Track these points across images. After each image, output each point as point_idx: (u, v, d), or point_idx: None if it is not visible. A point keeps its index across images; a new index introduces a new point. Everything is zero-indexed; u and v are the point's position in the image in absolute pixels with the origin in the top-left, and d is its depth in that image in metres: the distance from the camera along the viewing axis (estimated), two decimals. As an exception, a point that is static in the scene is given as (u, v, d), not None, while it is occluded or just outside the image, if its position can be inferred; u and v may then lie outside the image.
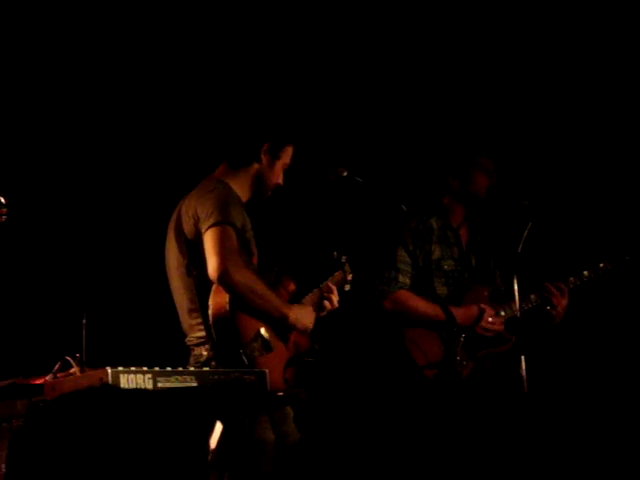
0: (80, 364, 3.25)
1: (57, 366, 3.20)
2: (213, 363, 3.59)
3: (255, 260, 3.87)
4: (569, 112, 5.52)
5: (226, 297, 3.60)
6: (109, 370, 3.00)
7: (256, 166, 3.92)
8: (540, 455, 4.20)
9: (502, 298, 4.59)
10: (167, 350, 3.99)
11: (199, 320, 3.74)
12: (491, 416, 4.44)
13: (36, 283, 4.71)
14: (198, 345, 3.74)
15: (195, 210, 3.73)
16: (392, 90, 5.51)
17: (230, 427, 3.37)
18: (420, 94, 5.51)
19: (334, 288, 3.99)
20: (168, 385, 3.10)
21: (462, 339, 4.45)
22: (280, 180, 3.98)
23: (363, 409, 4.98)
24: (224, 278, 3.57)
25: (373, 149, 5.41)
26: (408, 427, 4.45)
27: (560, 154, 5.53)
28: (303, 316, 3.78)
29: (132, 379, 3.03)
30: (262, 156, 3.91)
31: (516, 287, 4.19)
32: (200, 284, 3.71)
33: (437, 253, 4.63)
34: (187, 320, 3.80)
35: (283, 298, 3.81)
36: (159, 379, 3.09)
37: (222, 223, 3.64)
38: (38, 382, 3.16)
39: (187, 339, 3.82)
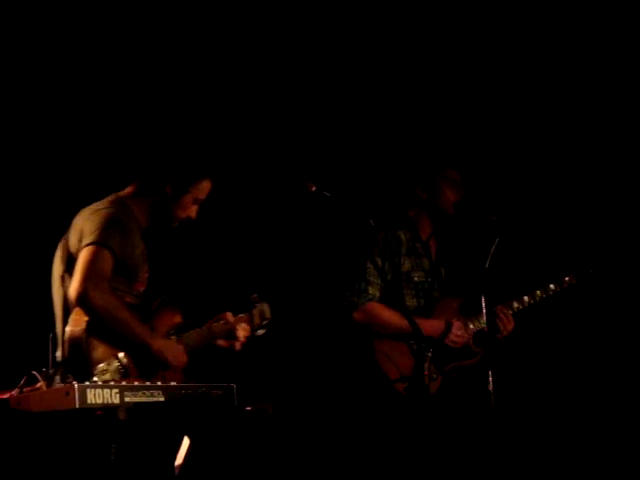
0: (46, 378, 3.24)
1: (23, 380, 3.18)
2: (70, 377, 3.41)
3: (140, 287, 3.83)
4: (533, 128, 5.56)
5: (85, 317, 3.53)
6: (76, 385, 2.99)
7: (159, 197, 3.89)
8: (507, 468, 4.21)
9: (471, 310, 4.62)
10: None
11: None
12: (459, 430, 4.46)
13: (2, 297, 4.68)
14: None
15: (83, 225, 3.70)
16: (358, 104, 5.53)
17: (197, 441, 3.36)
18: (386, 108, 5.54)
19: (245, 328, 4.03)
20: (135, 400, 3.09)
21: (430, 354, 4.45)
22: (192, 214, 3.94)
23: (334, 422, 4.98)
24: (82, 300, 3.50)
25: (340, 164, 5.42)
26: (380, 441, 4.45)
27: (527, 169, 5.58)
28: (168, 350, 3.67)
29: (99, 394, 3.02)
30: (167, 188, 3.88)
31: (483, 301, 4.21)
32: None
33: (407, 265, 4.65)
34: (60, 330, 3.68)
35: (159, 329, 3.75)
36: (126, 394, 3.08)
37: (98, 244, 3.59)
38: (4, 397, 3.15)
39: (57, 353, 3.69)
